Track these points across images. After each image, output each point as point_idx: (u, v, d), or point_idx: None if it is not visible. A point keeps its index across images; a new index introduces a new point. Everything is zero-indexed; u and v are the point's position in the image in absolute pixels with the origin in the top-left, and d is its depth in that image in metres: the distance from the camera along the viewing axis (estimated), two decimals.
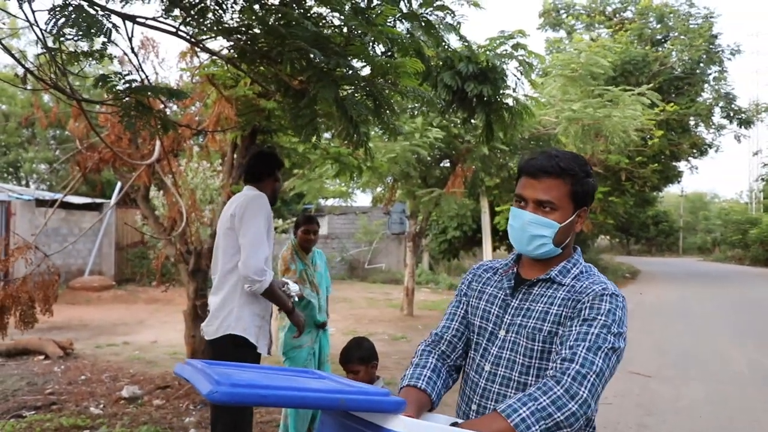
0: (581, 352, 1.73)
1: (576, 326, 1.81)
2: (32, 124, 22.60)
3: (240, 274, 3.57)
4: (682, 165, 28.75)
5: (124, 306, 14.46)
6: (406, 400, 1.76)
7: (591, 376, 1.70)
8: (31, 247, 7.42)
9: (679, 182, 31.46)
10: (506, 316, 1.97)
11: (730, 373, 8.49)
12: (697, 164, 38.77)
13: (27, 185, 24.97)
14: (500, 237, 20.13)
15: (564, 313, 1.87)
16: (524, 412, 1.65)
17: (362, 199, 38.56)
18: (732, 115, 26.95)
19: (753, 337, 11.43)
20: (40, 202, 15.26)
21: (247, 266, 3.49)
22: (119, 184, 13.29)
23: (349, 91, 3.68)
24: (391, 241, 24.79)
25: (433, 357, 2.06)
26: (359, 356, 3.62)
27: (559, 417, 1.65)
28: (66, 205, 15.93)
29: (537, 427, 1.63)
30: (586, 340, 1.76)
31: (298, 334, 4.10)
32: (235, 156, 7.53)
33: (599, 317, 1.81)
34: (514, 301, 1.98)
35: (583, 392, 1.68)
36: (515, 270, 2.06)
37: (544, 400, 1.65)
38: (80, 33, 3.66)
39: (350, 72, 3.53)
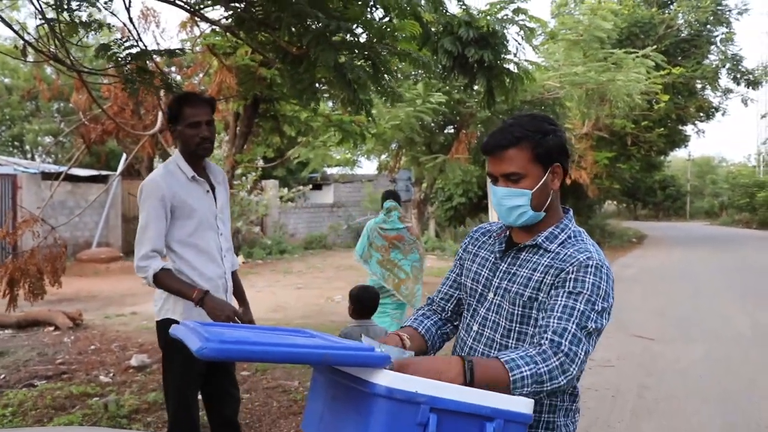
0: (571, 328, 1.78)
1: (562, 298, 1.83)
2: (35, 96, 22.59)
3: None
4: (688, 129, 28.60)
5: (131, 277, 14.50)
6: (403, 335, 2.05)
7: (581, 355, 1.78)
8: (37, 219, 7.49)
9: (686, 146, 31.30)
10: (495, 279, 2.02)
11: (732, 336, 8.53)
12: (704, 128, 38.34)
13: (32, 158, 25.02)
14: None
15: (545, 280, 1.89)
16: (526, 371, 1.73)
17: (368, 167, 38.49)
18: (739, 77, 26.66)
19: (757, 301, 11.46)
20: (46, 175, 15.32)
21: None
22: (124, 155, 13.35)
23: (348, 56, 3.67)
24: None
25: (426, 310, 2.25)
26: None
27: (547, 386, 1.74)
28: (72, 178, 15.97)
29: (529, 389, 1.73)
30: (574, 316, 1.80)
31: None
32: (238, 125, 7.55)
33: (584, 291, 1.83)
34: (503, 264, 2.02)
35: (573, 370, 1.76)
36: (507, 233, 2.10)
37: (543, 367, 1.73)
38: (77, 2, 3.67)
39: (348, 37, 3.52)
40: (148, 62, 4.50)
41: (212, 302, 3.10)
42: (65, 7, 3.56)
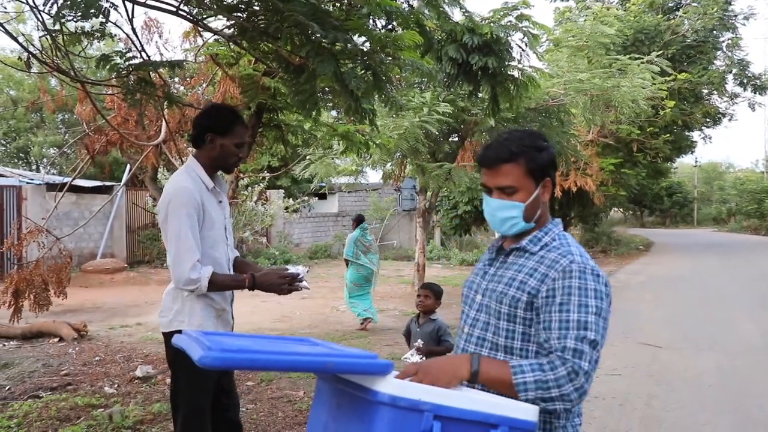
0: (571, 344, 1.83)
1: (556, 313, 1.89)
2: (40, 108, 22.69)
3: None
4: (695, 135, 28.58)
5: (136, 288, 14.58)
6: None
7: (585, 366, 1.81)
8: (42, 231, 7.50)
9: (692, 152, 31.31)
10: (483, 282, 2.14)
11: (741, 345, 8.45)
12: (711, 134, 38.47)
13: (37, 170, 25.12)
14: None
15: (530, 282, 1.97)
16: (530, 377, 1.80)
17: (373, 176, 38.60)
18: (746, 82, 26.61)
19: (767, 309, 11.36)
20: (51, 187, 15.34)
21: (176, 280, 3.16)
22: (128, 165, 13.37)
23: (349, 66, 3.66)
24: (402, 218, 24.80)
25: None
26: (436, 290, 5.21)
27: (554, 392, 1.79)
28: (76, 189, 15.99)
29: (534, 393, 1.79)
30: (570, 329, 1.85)
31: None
32: None
33: (573, 298, 1.88)
34: (491, 269, 2.14)
35: (582, 381, 1.80)
36: (500, 242, 2.20)
37: (550, 375, 1.79)
38: (79, 13, 3.66)
39: (349, 46, 3.50)
40: (150, 73, 4.49)
41: (263, 280, 3.21)
42: (65, 18, 3.55)
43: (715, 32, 25.72)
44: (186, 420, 3.32)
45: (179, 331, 3.11)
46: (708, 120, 26.95)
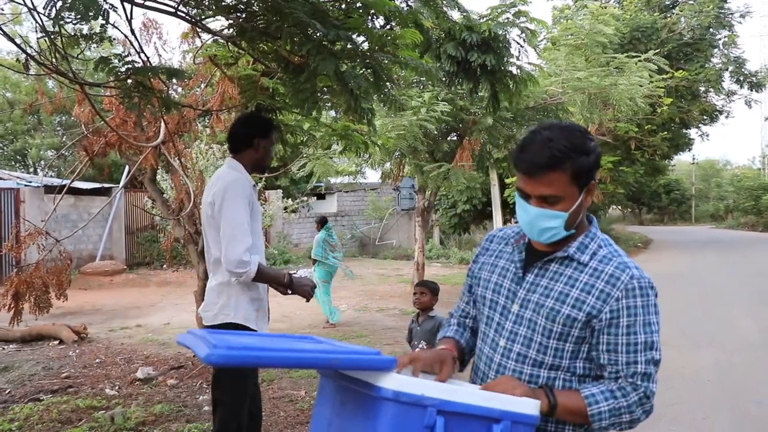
0: (641, 368, 1.81)
1: (622, 334, 1.82)
2: (37, 110, 22.66)
3: (224, 268, 3.40)
4: (692, 132, 28.59)
5: (136, 289, 14.58)
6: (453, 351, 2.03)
7: (653, 388, 1.83)
8: (42, 233, 7.48)
9: (690, 150, 31.27)
10: (520, 291, 1.93)
11: (739, 341, 8.47)
12: (708, 131, 38.52)
13: (35, 172, 25.10)
14: (510, 210, 20.09)
15: (590, 302, 1.83)
16: (604, 406, 1.80)
17: (371, 176, 38.64)
18: (742, 79, 26.64)
19: (765, 305, 11.38)
20: (49, 189, 15.30)
21: (227, 262, 3.31)
22: (127, 167, 13.35)
23: (349, 65, 3.67)
24: (401, 217, 24.80)
25: (455, 324, 2.21)
26: (431, 286, 5.25)
27: (626, 418, 1.82)
28: (75, 191, 15.99)
29: (608, 421, 1.81)
30: (638, 351, 1.81)
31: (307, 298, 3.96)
32: None
33: (638, 318, 1.82)
34: (529, 275, 1.94)
35: (651, 404, 1.84)
36: (526, 240, 2.00)
37: (622, 401, 1.80)
38: (78, 15, 3.66)
39: (349, 45, 3.51)
40: (149, 77, 4.48)
41: (300, 281, 3.63)
42: (63, 21, 3.55)
43: (711, 30, 25.73)
44: (226, 412, 3.52)
45: (225, 324, 3.43)
46: (705, 117, 26.97)
